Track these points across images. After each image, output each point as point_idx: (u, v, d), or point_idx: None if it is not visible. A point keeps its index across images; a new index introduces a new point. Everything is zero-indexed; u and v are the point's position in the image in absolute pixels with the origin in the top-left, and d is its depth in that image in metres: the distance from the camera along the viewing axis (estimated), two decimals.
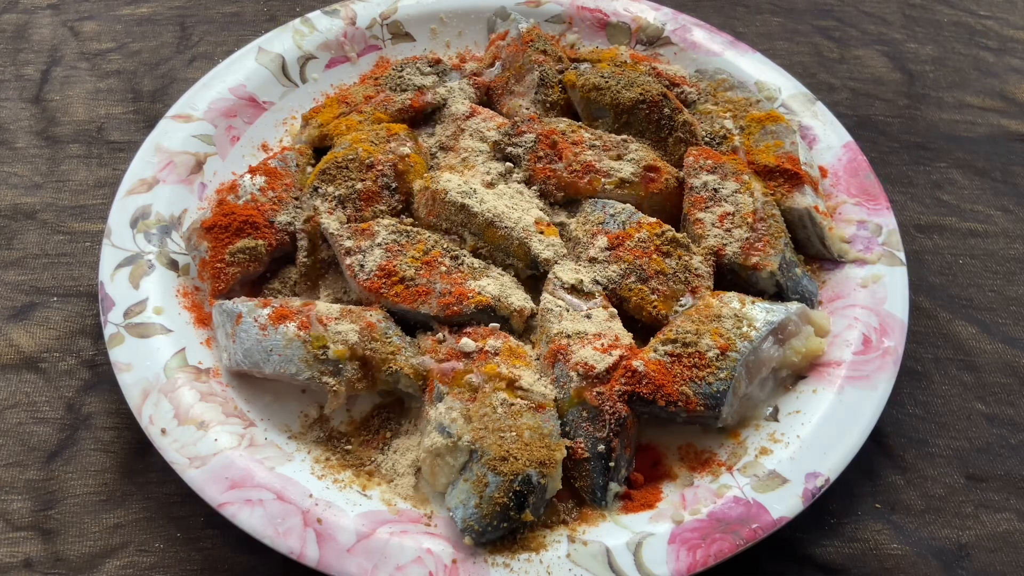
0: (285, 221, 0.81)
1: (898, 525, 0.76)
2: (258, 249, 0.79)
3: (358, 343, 0.73)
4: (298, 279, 0.82)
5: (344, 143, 0.86)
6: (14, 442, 0.77)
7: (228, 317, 0.75)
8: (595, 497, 0.71)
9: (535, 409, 0.71)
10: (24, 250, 0.89)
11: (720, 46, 1.01)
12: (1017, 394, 0.84)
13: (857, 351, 0.78)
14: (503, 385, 0.71)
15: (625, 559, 0.67)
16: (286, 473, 0.70)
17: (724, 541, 0.67)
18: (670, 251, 0.80)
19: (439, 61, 0.96)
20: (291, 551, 0.65)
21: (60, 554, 0.71)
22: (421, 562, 0.66)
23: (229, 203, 0.80)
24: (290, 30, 0.99)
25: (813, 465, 0.71)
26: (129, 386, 0.73)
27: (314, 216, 0.82)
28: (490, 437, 0.68)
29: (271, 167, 0.84)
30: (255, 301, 0.76)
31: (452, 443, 0.69)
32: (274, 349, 0.73)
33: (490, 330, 0.76)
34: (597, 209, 0.83)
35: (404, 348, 0.75)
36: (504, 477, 0.66)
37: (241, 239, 0.79)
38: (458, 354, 0.74)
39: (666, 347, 0.73)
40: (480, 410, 0.70)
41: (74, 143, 0.98)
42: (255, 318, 0.74)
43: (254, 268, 0.80)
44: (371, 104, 0.91)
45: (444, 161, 0.89)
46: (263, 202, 0.82)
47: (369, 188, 0.83)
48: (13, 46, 1.07)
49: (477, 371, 0.72)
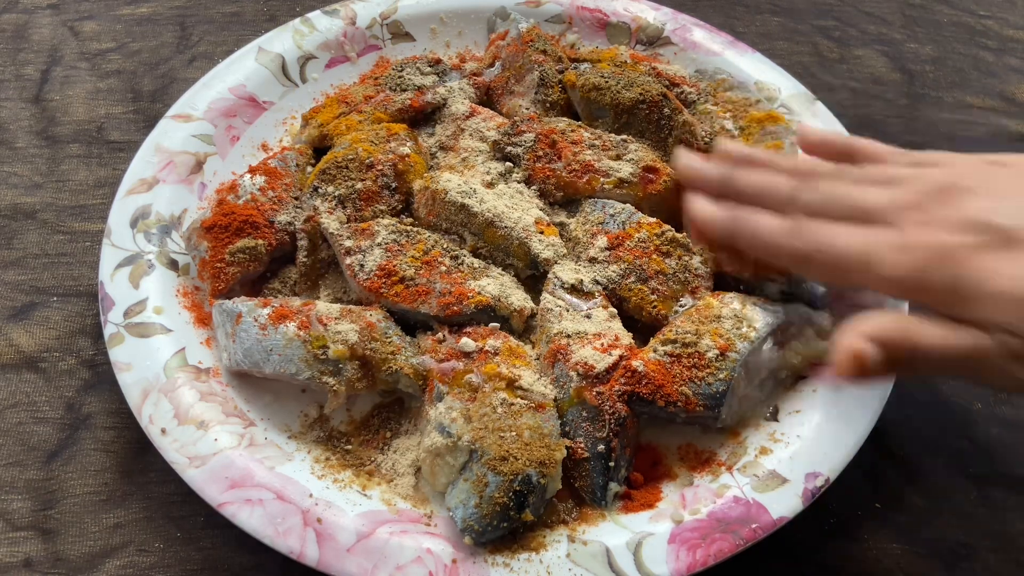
0: (285, 221, 0.81)
1: (898, 524, 0.76)
2: (258, 249, 0.79)
3: (358, 343, 0.73)
4: (298, 279, 0.82)
5: (344, 143, 0.86)
6: (14, 442, 0.77)
7: (228, 317, 0.75)
8: (595, 497, 0.71)
9: (535, 409, 0.71)
10: (24, 250, 0.89)
11: (720, 46, 1.01)
12: (1017, 393, 0.84)
13: None
14: (503, 385, 0.71)
15: (625, 559, 0.67)
16: (286, 473, 0.70)
17: (724, 541, 0.67)
18: (670, 251, 0.80)
19: (439, 61, 0.96)
20: (291, 551, 0.65)
21: (60, 554, 0.71)
22: (421, 562, 0.66)
23: (229, 203, 0.80)
24: (290, 30, 0.99)
25: (813, 465, 0.71)
26: (129, 386, 0.73)
27: (314, 216, 0.82)
28: (490, 437, 0.68)
29: (271, 167, 0.84)
30: (255, 301, 0.76)
31: (452, 443, 0.69)
32: (274, 349, 0.73)
33: (490, 330, 0.76)
34: (597, 209, 0.83)
35: (404, 348, 0.75)
36: (504, 477, 0.66)
37: (241, 239, 0.79)
38: (458, 354, 0.74)
39: (666, 347, 0.73)
40: (480, 410, 0.70)
41: (74, 143, 0.98)
42: (255, 318, 0.74)
43: (254, 268, 0.80)
44: (371, 104, 0.91)
45: (444, 161, 0.89)
46: (263, 202, 0.81)
47: (369, 188, 0.83)
48: (13, 46, 1.07)
49: (477, 371, 0.72)
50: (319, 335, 0.73)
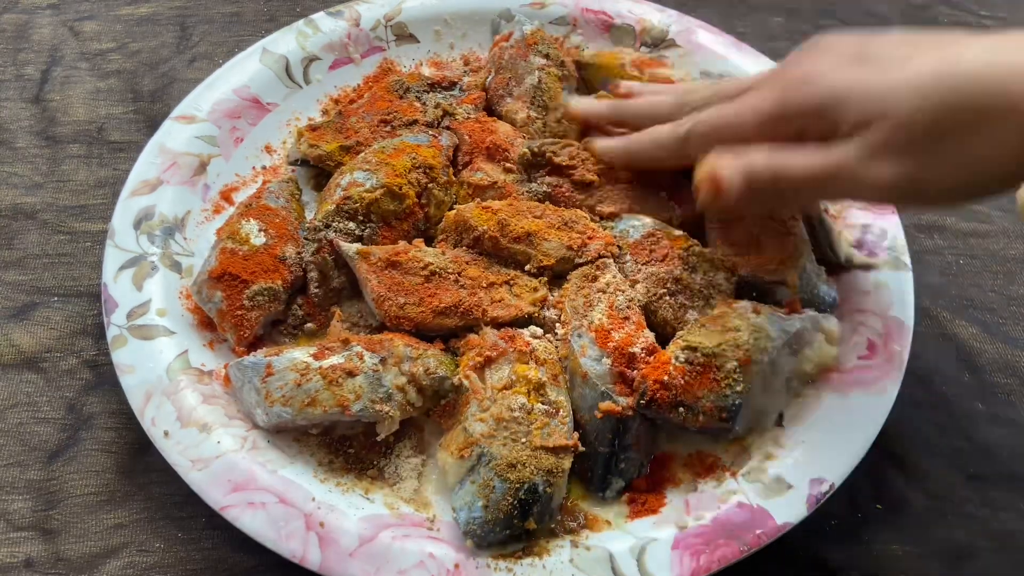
0: (293, 254, 0.80)
1: (899, 526, 0.76)
2: (275, 288, 0.78)
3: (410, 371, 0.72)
4: (310, 311, 0.80)
5: (359, 172, 0.83)
6: (15, 442, 0.77)
7: (254, 372, 0.72)
8: (594, 486, 0.71)
9: (550, 415, 0.70)
10: (24, 250, 0.89)
11: (725, 48, 1.00)
12: (1018, 394, 0.84)
13: (862, 356, 0.78)
14: (525, 390, 0.71)
15: (628, 565, 0.67)
16: (289, 476, 0.70)
17: (728, 547, 0.67)
18: (697, 265, 0.79)
19: (440, 82, 0.95)
20: (293, 554, 0.65)
21: (61, 554, 0.71)
22: (423, 566, 0.66)
23: (231, 248, 0.79)
24: (294, 31, 0.99)
25: (818, 471, 0.71)
26: (132, 388, 0.73)
27: (322, 248, 0.80)
28: (500, 440, 0.68)
29: (263, 205, 0.83)
30: (272, 350, 0.75)
31: (468, 440, 0.69)
32: (319, 391, 0.71)
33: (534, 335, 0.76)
34: (624, 224, 0.83)
35: (445, 360, 0.74)
36: (510, 484, 0.66)
37: (256, 282, 0.77)
38: (499, 343, 0.74)
39: (685, 354, 0.73)
40: (496, 411, 0.70)
41: (74, 143, 0.97)
42: (287, 366, 0.72)
43: (274, 308, 0.78)
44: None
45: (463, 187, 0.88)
46: (266, 241, 0.80)
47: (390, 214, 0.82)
48: (13, 46, 1.06)
49: (511, 359, 0.73)
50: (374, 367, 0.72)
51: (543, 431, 0.69)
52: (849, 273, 0.84)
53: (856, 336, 0.79)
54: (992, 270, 0.93)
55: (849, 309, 0.81)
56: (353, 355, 0.72)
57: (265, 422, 0.72)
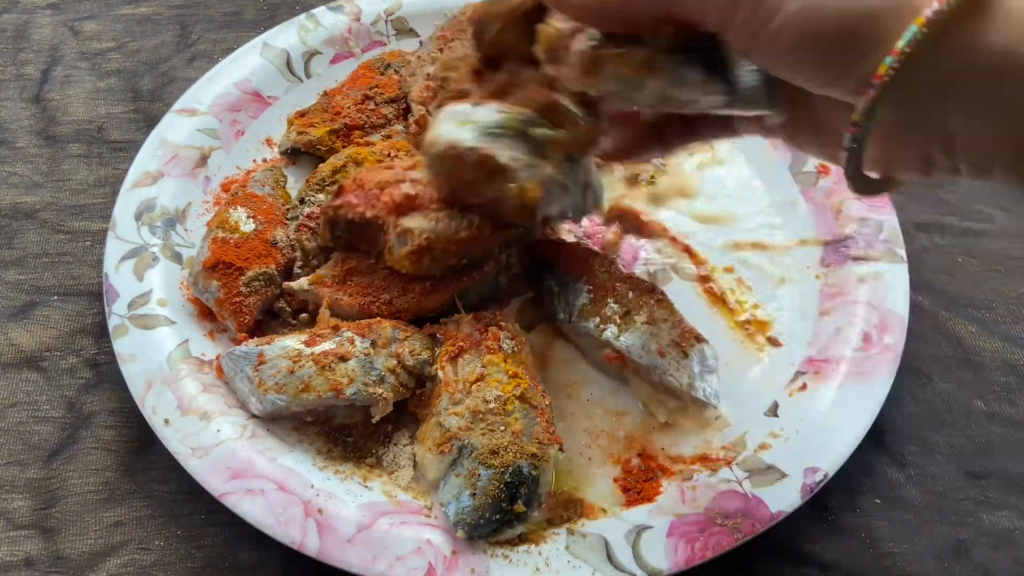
0: (283, 237, 0.81)
1: (897, 522, 0.76)
2: (270, 272, 0.79)
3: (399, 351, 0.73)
4: (298, 305, 0.81)
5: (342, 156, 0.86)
6: (15, 441, 0.77)
7: (246, 361, 0.73)
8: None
9: (528, 408, 0.71)
10: (24, 249, 0.89)
11: None
12: (1017, 392, 0.84)
13: (857, 347, 0.78)
14: (495, 381, 0.71)
15: (624, 551, 0.67)
16: (288, 464, 0.70)
17: (722, 535, 0.68)
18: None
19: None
20: (292, 541, 0.66)
21: (61, 552, 0.71)
22: (421, 552, 0.66)
23: (222, 237, 0.79)
24: (295, 26, 1.00)
25: (812, 460, 0.71)
26: (133, 377, 0.73)
27: (304, 223, 0.82)
28: (479, 431, 0.69)
29: (249, 193, 0.84)
30: (263, 339, 0.75)
31: (445, 435, 0.69)
32: (311, 376, 0.71)
33: (514, 331, 0.77)
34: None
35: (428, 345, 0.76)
36: (495, 470, 0.67)
37: (250, 268, 0.78)
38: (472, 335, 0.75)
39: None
40: (471, 404, 0.70)
41: (74, 143, 0.98)
42: (278, 353, 0.73)
43: (271, 292, 0.79)
44: (363, 114, 0.91)
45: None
46: (255, 227, 0.81)
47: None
48: (13, 46, 1.07)
49: (482, 351, 0.73)
50: (366, 351, 0.72)
51: (525, 434, 0.69)
52: (844, 265, 0.85)
53: (851, 327, 0.80)
54: (992, 269, 0.94)
55: (844, 301, 0.82)
56: (344, 340, 0.73)
57: (260, 410, 0.72)
